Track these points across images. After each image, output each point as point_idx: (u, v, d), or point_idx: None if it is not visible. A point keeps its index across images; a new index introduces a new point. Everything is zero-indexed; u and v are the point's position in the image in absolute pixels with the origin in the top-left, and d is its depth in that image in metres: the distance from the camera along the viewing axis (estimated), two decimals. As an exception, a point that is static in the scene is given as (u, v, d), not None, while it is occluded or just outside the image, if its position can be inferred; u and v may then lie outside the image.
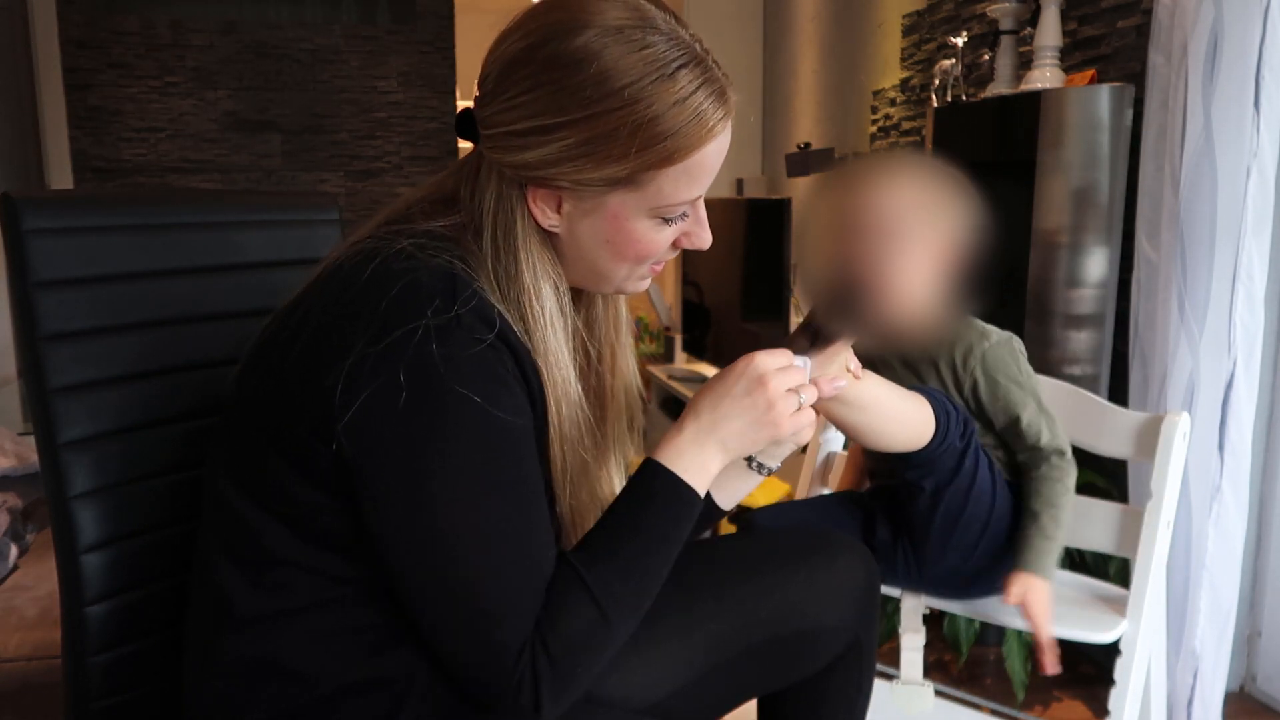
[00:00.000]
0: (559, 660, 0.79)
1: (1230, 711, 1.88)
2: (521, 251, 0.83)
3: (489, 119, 0.82)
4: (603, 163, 0.80)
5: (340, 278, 0.80)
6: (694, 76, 0.80)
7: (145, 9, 4.49)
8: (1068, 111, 1.91)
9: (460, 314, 0.76)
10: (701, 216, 0.89)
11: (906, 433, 1.15)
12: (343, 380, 0.75)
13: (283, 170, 4.73)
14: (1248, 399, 1.68)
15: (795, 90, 3.99)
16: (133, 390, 1.01)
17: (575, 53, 0.78)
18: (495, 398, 0.77)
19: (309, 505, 0.81)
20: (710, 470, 0.89)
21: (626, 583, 0.83)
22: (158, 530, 1.01)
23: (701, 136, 0.81)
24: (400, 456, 0.76)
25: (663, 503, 0.87)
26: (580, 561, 0.82)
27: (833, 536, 1.14)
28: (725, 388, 0.89)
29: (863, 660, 1.12)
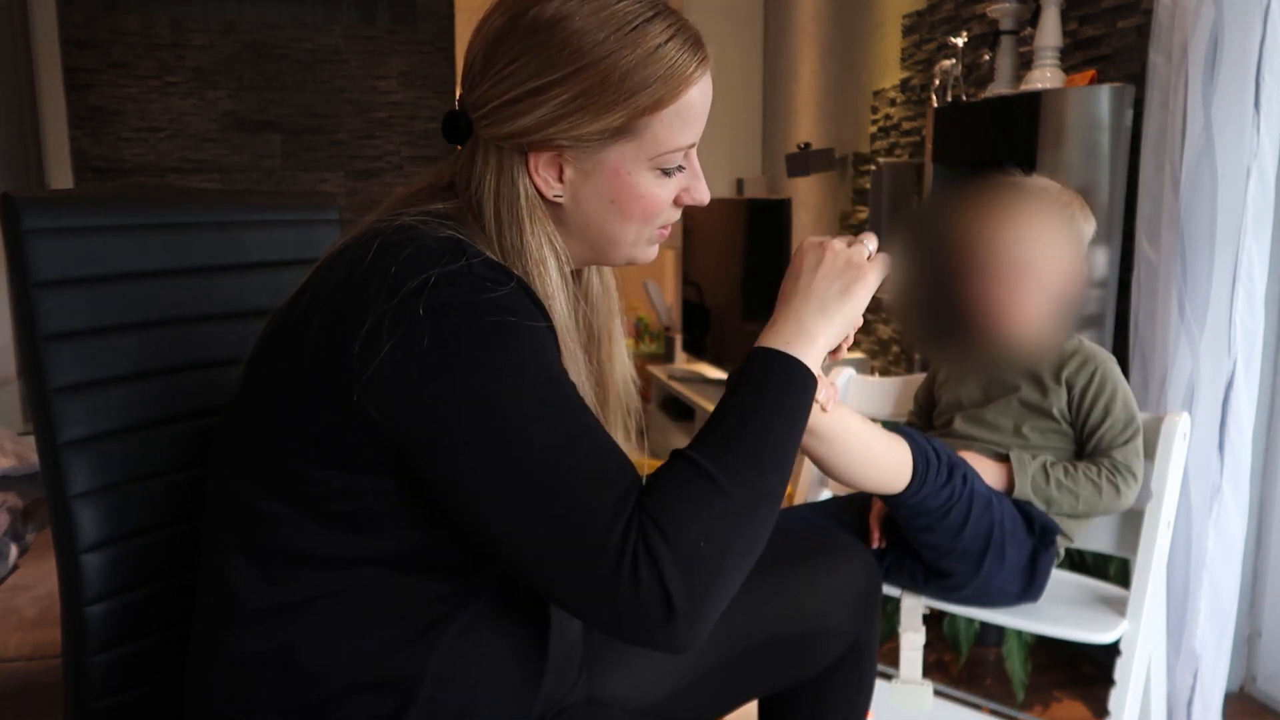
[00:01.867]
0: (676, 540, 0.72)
1: (1230, 711, 1.88)
2: (526, 222, 0.84)
3: (479, 99, 0.84)
4: (599, 113, 0.82)
5: (346, 259, 0.81)
6: (667, 25, 0.83)
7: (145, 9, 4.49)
8: (1068, 112, 1.91)
9: (472, 263, 0.77)
10: (697, 170, 0.91)
11: (877, 473, 1.12)
12: (361, 343, 0.75)
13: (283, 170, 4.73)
14: (1248, 399, 1.68)
15: (795, 90, 3.99)
16: (133, 390, 1.01)
17: (554, 15, 0.81)
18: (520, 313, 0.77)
19: (332, 489, 0.80)
20: (818, 342, 0.88)
21: (742, 458, 0.77)
22: (158, 530, 1.01)
23: (685, 79, 0.83)
24: (441, 395, 0.74)
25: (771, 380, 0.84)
26: (690, 448, 0.79)
27: (834, 538, 1.14)
28: (797, 271, 0.92)
29: (863, 662, 1.12)
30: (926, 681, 1.34)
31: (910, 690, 1.33)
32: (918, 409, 1.48)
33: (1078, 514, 1.27)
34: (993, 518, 1.20)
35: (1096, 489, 1.25)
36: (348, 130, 4.77)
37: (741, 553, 0.76)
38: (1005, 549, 1.22)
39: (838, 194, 3.60)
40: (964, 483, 1.17)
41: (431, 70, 4.82)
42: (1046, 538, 1.26)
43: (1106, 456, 1.26)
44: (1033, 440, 1.30)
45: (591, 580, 0.72)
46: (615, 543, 0.72)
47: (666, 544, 0.72)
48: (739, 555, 0.76)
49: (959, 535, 1.19)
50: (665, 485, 0.76)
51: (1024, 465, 1.26)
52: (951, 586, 1.28)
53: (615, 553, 0.71)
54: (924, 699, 1.33)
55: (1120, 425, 1.27)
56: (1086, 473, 1.26)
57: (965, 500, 1.17)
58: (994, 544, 1.20)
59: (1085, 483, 1.25)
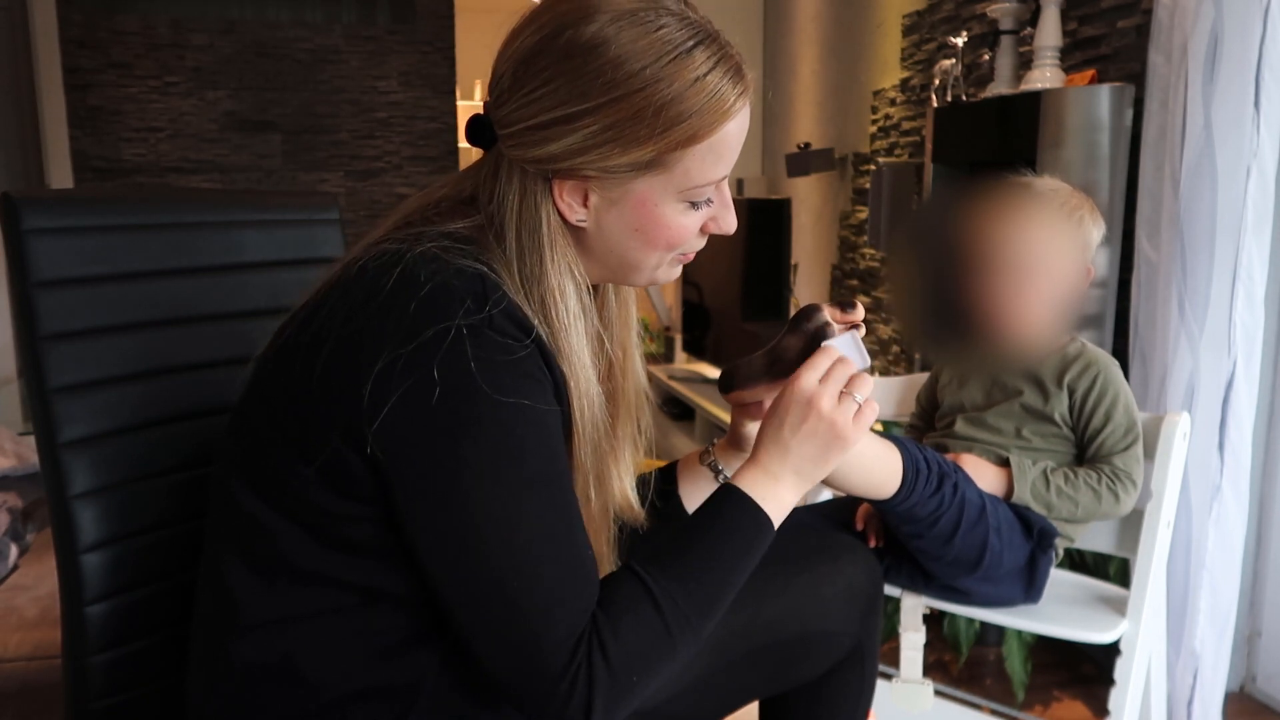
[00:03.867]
0: (617, 669, 0.77)
1: (1230, 711, 1.88)
2: (547, 249, 0.82)
3: (507, 118, 0.81)
4: (629, 146, 0.79)
5: (364, 282, 0.79)
6: (710, 54, 0.80)
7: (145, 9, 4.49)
8: (1068, 111, 1.91)
9: (492, 314, 0.76)
10: (727, 200, 0.90)
11: (865, 478, 1.12)
12: (373, 382, 0.74)
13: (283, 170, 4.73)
14: (1248, 399, 1.68)
15: (795, 90, 3.99)
16: (133, 390, 1.01)
17: (591, 39, 0.78)
18: (529, 393, 0.77)
19: (333, 514, 0.80)
20: (786, 503, 0.89)
21: (693, 604, 0.82)
22: (158, 530, 1.01)
23: (724, 112, 0.81)
24: (433, 452, 0.75)
25: (740, 531, 0.86)
26: (650, 575, 0.81)
27: (836, 540, 1.14)
28: (780, 419, 0.89)
29: (864, 664, 1.12)
30: (926, 681, 1.34)
31: (910, 690, 1.33)
32: (919, 410, 1.49)
33: (1076, 519, 1.28)
34: (987, 527, 1.20)
35: (1096, 496, 1.25)
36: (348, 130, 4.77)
37: (660, 680, 0.82)
38: (1003, 556, 1.22)
39: (838, 194, 3.60)
40: (954, 491, 1.17)
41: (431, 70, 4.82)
42: (1045, 541, 1.26)
43: (1107, 463, 1.26)
44: (1034, 444, 1.30)
45: (530, 683, 0.76)
46: (563, 658, 0.76)
47: (608, 672, 0.77)
48: (657, 682, 0.81)
49: (948, 544, 1.18)
50: (621, 613, 0.79)
51: (1024, 471, 1.26)
52: (948, 589, 1.28)
53: (560, 667, 0.75)
54: (924, 699, 1.33)
55: (1121, 431, 1.27)
56: (1087, 480, 1.26)
57: (955, 510, 1.17)
58: (990, 551, 1.20)
59: (1085, 490, 1.25)
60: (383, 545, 0.81)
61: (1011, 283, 1.25)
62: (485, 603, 0.76)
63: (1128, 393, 1.28)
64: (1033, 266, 1.24)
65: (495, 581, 0.75)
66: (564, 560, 0.78)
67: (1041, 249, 1.24)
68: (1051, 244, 1.25)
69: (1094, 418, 1.27)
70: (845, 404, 0.89)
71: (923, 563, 1.26)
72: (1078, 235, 1.26)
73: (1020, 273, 1.25)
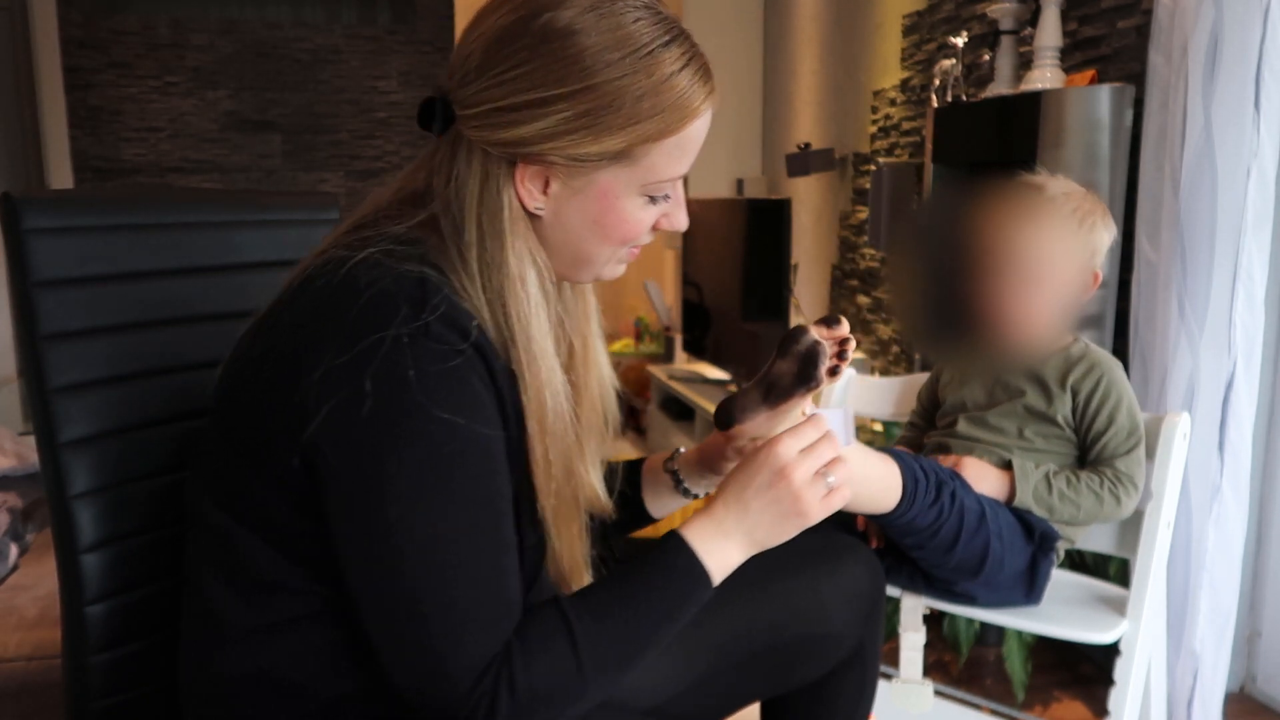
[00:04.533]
0: (523, 703, 0.76)
1: (1230, 711, 1.88)
2: (508, 235, 0.81)
3: (472, 98, 0.79)
4: (601, 135, 0.79)
5: (309, 292, 0.79)
6: (683, 51, 0.80)
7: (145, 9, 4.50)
8: (1068, 112, 1.91)
9: (429, 322, 0.74)
10: (681, 198, 0.88)
11: (866, 495, 1.11)
12: (309, 392, 0.74)
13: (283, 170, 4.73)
14: (1248, 399, 1.68)
15: (795, 90, 3.99)
16: (133, 390, 1.01)
17: (568, 25, 0.77)
18: (462, 409, 0.75)
19: (289, 527, 0.80)
20: (732, 562, 0.87)
21: (614, 647, 0.81)
22: (158, 530, 1.01)
23: (695, 109, 0.81)
24: (360, 466, 0.74)
25: (677, 583, 0.84)
26: (573, 612, 0.80)
27: (838, 541, 1.13)
28: (748, 478, 0.87)
29: (866, 666, 1.12)
30: (927, 681, 1.34)
31: (910, 690, 1.33)
32: (920, 409, 1.48)
33: (1078, 522, 1.27)
34: (988, 533, 1.19)
35: (1098, 499, 1.25)
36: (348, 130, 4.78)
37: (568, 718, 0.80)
38: (1004, 561, 1.22)
39: (838, 194, 3.60)
40: (952, 500, 1.17)
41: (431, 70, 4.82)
42: (1045, 544, 1.26)
43: (1109, 466, 1.26)
44: (1036, 444, 1.30)
45: (431, 705, 0.76)
46: (465, 686, 0.75)
47: (512, 707, 0.75)
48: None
49: (950, 553, 1.18)
50: (534, 646, 0.77)
51: (1026, 474, 1.26)
52: (949, 590, 1.28)
53: (462, 695, 0.75)
54: (924, 699, 1.33)
55: (1124, 434, 1.26)
56: (1089, 483, 1.25)
57: (955, 518, 1.17)
58: (991, 557, 1.20)
59: (1087, 493, 1.25)
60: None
61: (1017, 285, 1.25)
62: (396, 620, 0.75)
63: (1131, 395, 1.28)
64: (1040, 270, 1.24)
65: (408, 599, 0.74)
66: (481, 584, 0.76)
67: (1049, 253, 1.24)
68: (1060, 248, 1.24)
69: (1097, 420, 1.27)
70: (817, 483, 0.86)
71: (925, 569, 1.26)
72: (1088, 241, 1.25)
73: (1027, 275, 1.25)
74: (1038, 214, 1.25)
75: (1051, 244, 1.24)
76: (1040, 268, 1.24)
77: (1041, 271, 1.24)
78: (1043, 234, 1.24)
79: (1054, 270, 1.25)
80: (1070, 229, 1.25)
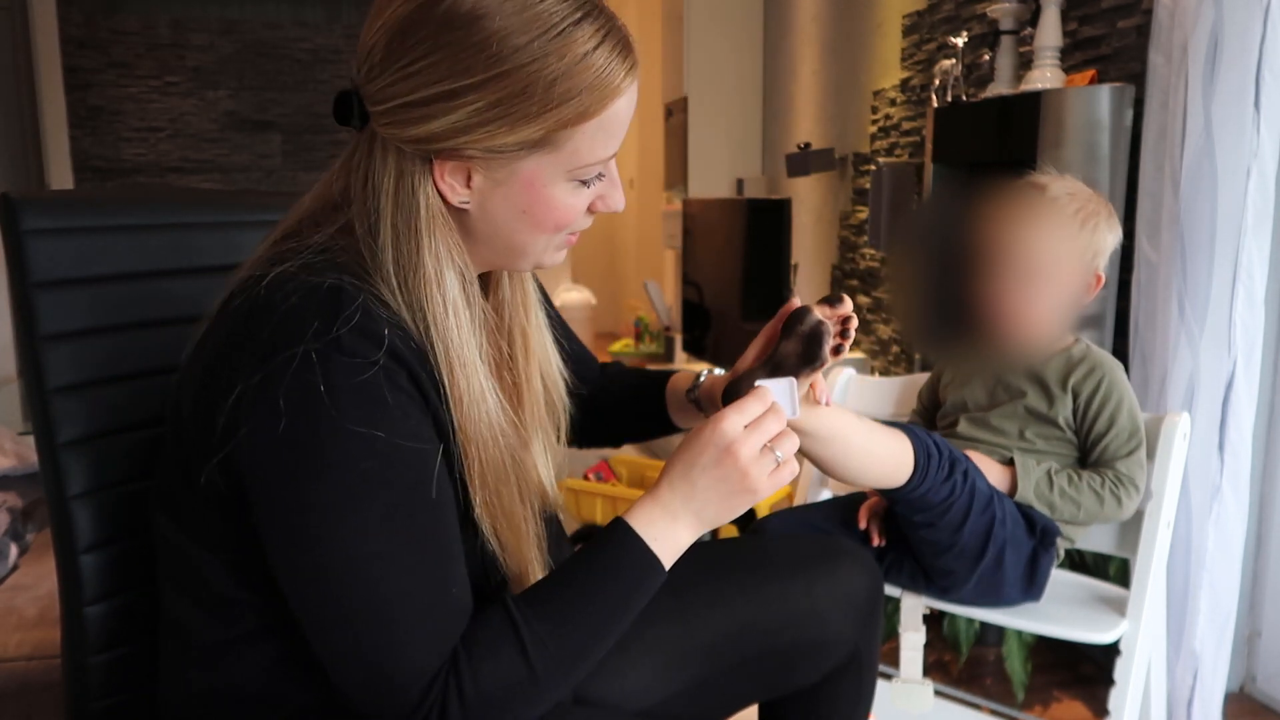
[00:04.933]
0: (474, 710, 0.74)
1: (1230, 711, 1.88)
2: (424, 236, 0.77)
3: (380, 93, 0.76)
4: (516, 124, 0.75)
5: (229, 312, 0.77)
6: (598, 27, 0.76)
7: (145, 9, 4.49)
8: (1068, 112, 1.91)
9: (340, 335, 0.71)
10: (615, 178, 0.84)
11: (877, 469, 1.11)
12: (226, 414, 0.73)
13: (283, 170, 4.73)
14: (1248, 399, 1.68)
15: (795, 90, 3.98)
16: (133, 390, 1.01)
17: (472, 10, 0.73)
18: (381, 422, 0.73)
19: (235, 545, 0.79)
20: (681, 543, 0.84)
21: (565, 645, 0.78)
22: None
23: (615, 88, 0.77)
24: (281, 488, 0.73)
25: (626, 572, 0.82)
26: (520, 612, 0.78)
27: (836, 544, 1.13)
28: (693, 456, 0.83)
29: (862, 670, 1.11)
30: (926, 681, 1.34)
31: (910, 690, 1.33)
32: (921, 409, 1.49)
33: (1078, 521, 1.27)
34: (993, 516, 1.20)
35: (1098, 499, 1.25)
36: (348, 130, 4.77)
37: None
38: (1005, 549, 1.22)
39: (838, 194, 3.60)
40: (965, 479, 1.17)
41: (431, 70, 4.81)
42: (1047, 539, 1.26)
43: (1110, 467, 1.26)
44: (1037, 445, 1.30)
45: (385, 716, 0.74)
46: (412, 700, 0.73)
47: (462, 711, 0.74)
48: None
49: (959, 531, 1.18)
50: (482, 651, 0.76)
51: (1028, 471, 1.26)
52: (950, 586, 1.28)
53: (410, 708, 0.73)
54: (924, 699, 1.33)
55: (1125, 436, 1.26)
56: (1090, 482, 1.25)
57: (966, 496, 1.17)
58: (994, 542, 1.20)
59: (1088, 492, 1.25)
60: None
61: (1018, 284, 1.25)
62: (336, 638, 0.74)
63: (1132, 397, 1.28)
64: (1040, 270, 1.24)
65: (343, 618, 0.73)
66: (419, 597, 0.74)
67: (1050, 253, 1.24)
68: (1060, 249, 1.24)
69: (1098, 422, 1.27)
70: (765, 458, 0.83)
71: (927, 557, 1.26)
72: (1089, 242, 1.25)
73: (1027, 275, 1.25)
74: (1039, 214, 1.25)
75: (1051, 244, 1.24)
76: (1040, 267, 1.24)
77: (1041, 271, 1.24)
78: (1043, 234, 1.24)
79: (1054, 270, 1.24)
80: (1071, 230, 1.24)
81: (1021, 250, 1.25)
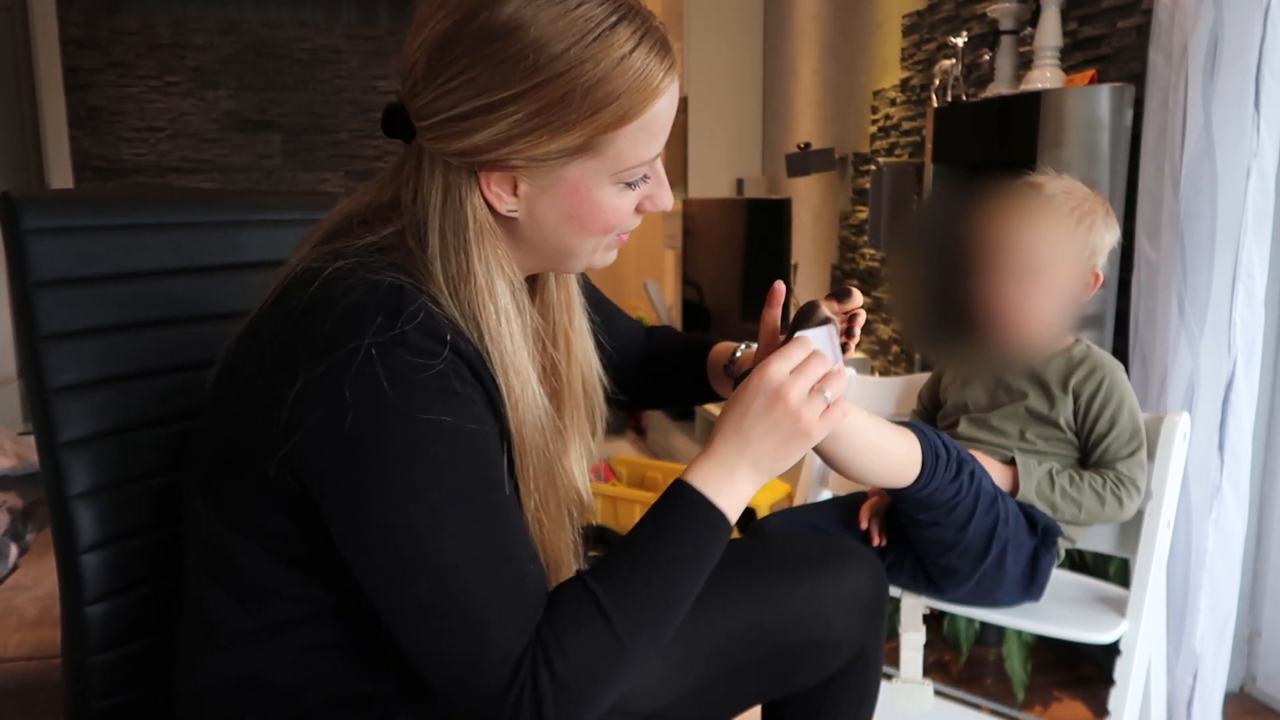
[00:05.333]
0: (567, 684, 0.74)
1: (1230, 711, 1.88)
2: (474, 247, 0.79)
3: (424, 109, 0.77)
4: (557, 133, 0.76)
5: (285, 306, 0.77)
6: (634, 29, 0.76)
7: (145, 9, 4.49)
8: (1068, 111, 1.91)
9: (405, 330, 0.72)
10: (662, 176, 0.85)
11: (885, 468, 1.11)
12: (289, 407, 0.73)
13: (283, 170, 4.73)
14: (1248, 399, 1.68)
15: (795, 90, 3.98)
16: (133, 390, 1.01)
17: (508, 21, 0.73)
18: (447, 410, 0.73)
19: (282, 534, 0.79)
20: (743, 495, 0.85)
21: (645, 610, 0.78)
22: (158, 530, 1.01)
23: (653, 89, 0.77)
24: (350, 478, 0.73)
25: (692, 530, 0.82)
26: (597, 583, 0.78)
27: (840, 545, 1.13)
28: (744, 407, 0.84)
29: (867, 671, 1.11)
30: (927, 681, 1.34)
31: (910, 690, 1.33)
32: (921, 409, 1.49)
33: (1079, 521, 1.28)
34: (997, 514, 1.20)
35: (1100, 500, 1.25)
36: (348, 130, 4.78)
37: (615, 693, 0.79)
38: (1008, 548, 1.22)
39: (838, 194, 3.60)
40: (971, 479, 1.17)
41: (431, 70, 4.82)
42: (1048, 538, 1.26)
43: (1111, 468, 1.26)
44: (1037, 446, 1.30)
45: (475, 704, 0.74)
46: (506, 676, 0.73)
47: (554, 685, 0.74)
48: (612, 695, 0.78)
49: (964, 530, 1.19)
50: (567, 624, 0.76)
51: (1030, 471, 1.26)
52: (951, 585, 1.28)
53: (504, 685, 0.73)
54: (924, 699, 1.33)
55: (1125, 436, 1.26)
56: (1091, 483, 1.26)
57: (972, 496, 1.17)
58: (997, 540, 1.20)
59: (1089, 493, 1.25)
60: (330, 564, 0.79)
61: (1016, 283, 1.25)
62: (418, 625, 0.74)
63: (1133, 398, 1.28)
64: (1037, 270, 1.24)
65: (425, 604, 0.73)
66: (496, 578, 0.75)
67: (1048, 253, 1.24)
68: (1057, 247, 1.24)
69: (1099, 423, 1.27)
70: (814, 400, 0.84)
71: (930, 555, 1.26)
72: (1086, 240, 1.25)
73: (1024, 274, 1.25)
74: (1035, 212, 1.25)
75: (1048, 242, 1.24)
76: (1037, 266, 1.24)
77: (1039, 270, 1.24)
78: (1040, 232, 1.24)
79: (1051, 269, 1.24)
80: (1068, 228, 1.24)
81: (1019, 249, 1.25)
